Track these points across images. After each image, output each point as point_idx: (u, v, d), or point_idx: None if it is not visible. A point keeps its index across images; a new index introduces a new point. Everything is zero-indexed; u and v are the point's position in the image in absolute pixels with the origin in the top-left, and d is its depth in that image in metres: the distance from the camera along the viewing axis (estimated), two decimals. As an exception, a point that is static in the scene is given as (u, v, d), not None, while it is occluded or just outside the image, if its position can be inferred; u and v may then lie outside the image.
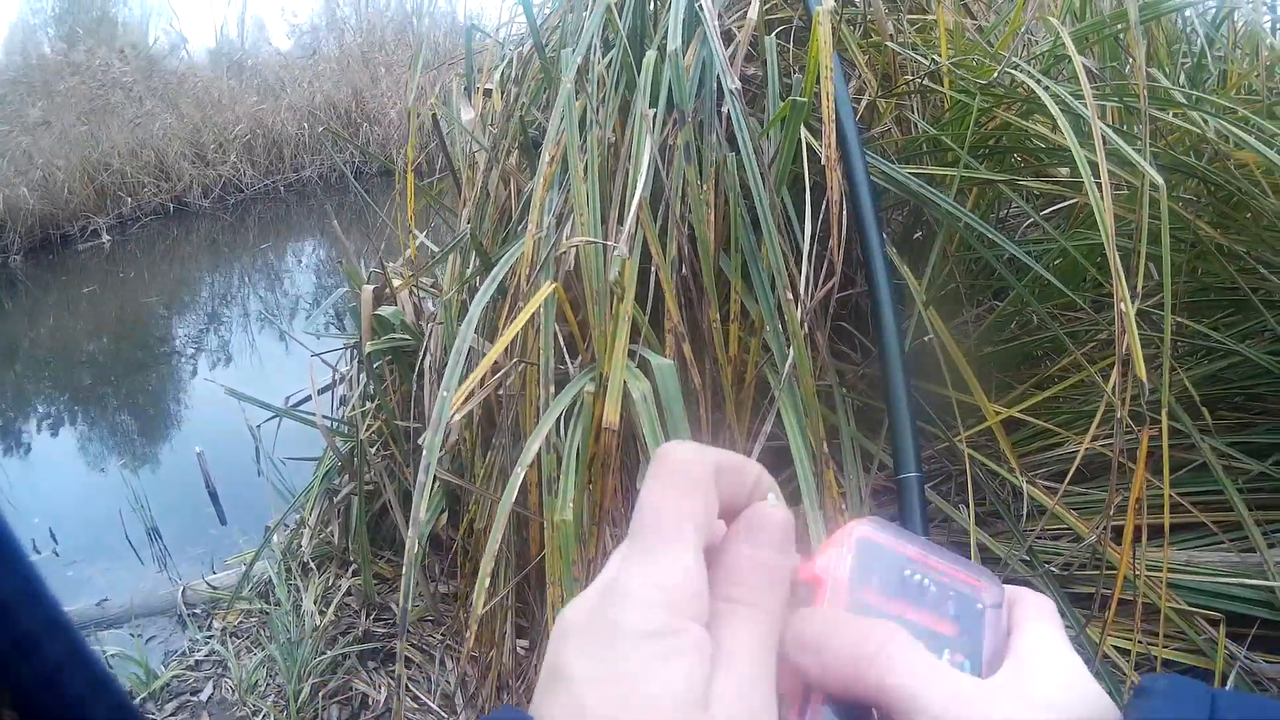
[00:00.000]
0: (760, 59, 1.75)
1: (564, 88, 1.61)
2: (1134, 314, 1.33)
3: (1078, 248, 1.82)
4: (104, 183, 9.15)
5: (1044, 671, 0.35)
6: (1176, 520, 1.65)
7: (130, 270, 8.38)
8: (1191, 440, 1.69)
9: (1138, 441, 1.44)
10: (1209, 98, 1.89)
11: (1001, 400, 1.88)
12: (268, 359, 5.88)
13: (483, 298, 1.60)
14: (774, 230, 1.46)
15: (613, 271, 1.44)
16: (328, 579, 2.60)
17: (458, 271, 2.10)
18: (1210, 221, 1.80)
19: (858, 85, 1.88)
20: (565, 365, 1.64)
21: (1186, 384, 1.75)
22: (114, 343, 6.75)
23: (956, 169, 1.72)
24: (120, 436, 5.19)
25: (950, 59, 1.83)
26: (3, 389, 6.05)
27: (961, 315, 1.97)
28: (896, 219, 2.06)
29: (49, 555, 3.60)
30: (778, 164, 1.53)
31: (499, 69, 2.26)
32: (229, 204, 9.85)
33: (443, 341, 2.02)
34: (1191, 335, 1.88)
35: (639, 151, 1.52)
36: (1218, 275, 1.92)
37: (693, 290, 1.61)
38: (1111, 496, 1.48)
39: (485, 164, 2.05)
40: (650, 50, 1.66)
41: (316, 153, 10.33)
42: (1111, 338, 1.91)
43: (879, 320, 1.40)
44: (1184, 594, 1.71)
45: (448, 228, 2.55)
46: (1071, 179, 1.92)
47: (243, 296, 7.66)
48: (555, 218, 1.67)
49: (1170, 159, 1.82)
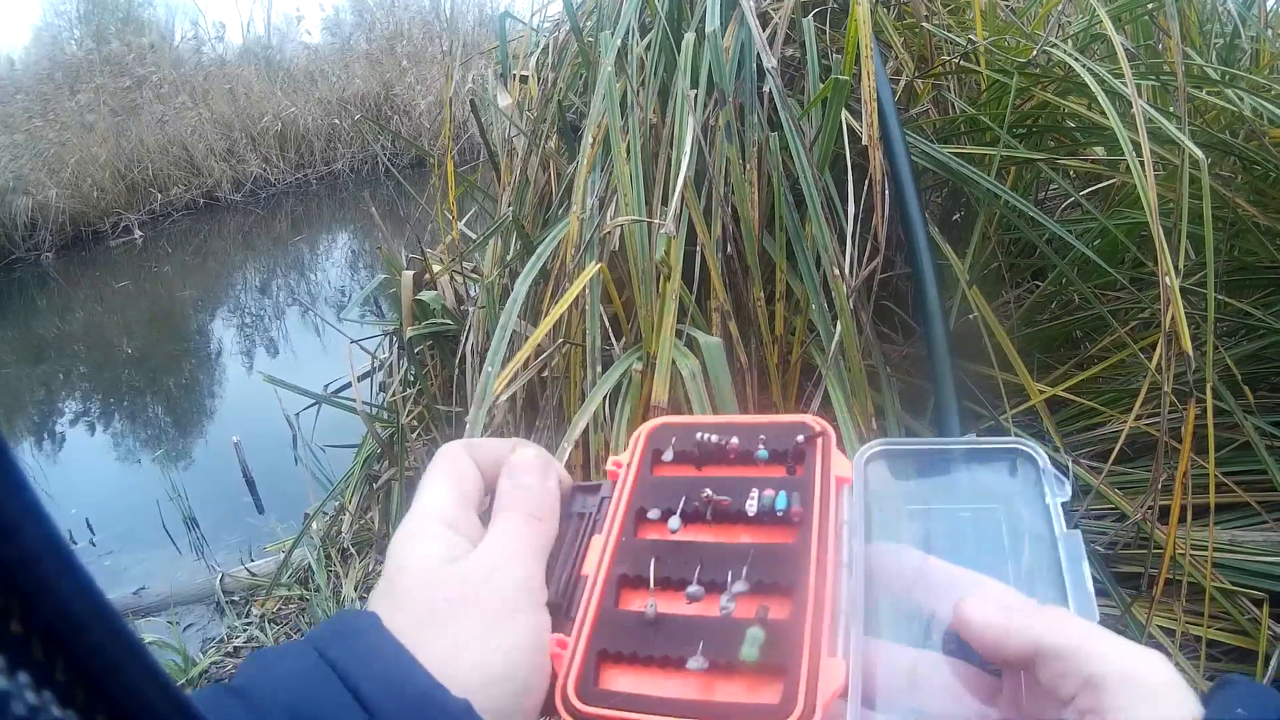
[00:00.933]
0: (798, 41, 1.75)
1: (604, 70, 1.62)
2: (1179, 289, 1.33)
3: (1119, 226, 1.82)
4: (135, 179, 9.21)
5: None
6: (1220, 500, 1.64)
7: (164, 265, 8.43)
8: (1234, 419, 1.68)
9: (1181, 419, 1.44)
10: (1244, 75, 1.88)
11: (1043, 381, 1.87)
12: (303, 349, 5.92)
13: (527, 277, 1.62)
14: (819, 209, 1.47)
15: (659, 250, 1.45)
16: (368, 564, 2.62)
17: (498, 255, 2.11)
18: (1248, 199, 1.79)
19: (894, 66, 1.88)
20: (611, 345, 1.65)
21: (1229, 362, 1.74)
22: (149, 336, 6.80)
23: (996, 148, 1.72)
24: (156, 427, 5.23)
25: (986, 39, 1.82)
26: (40, 383, 6.11)
27: (1002, 295, 1.96)
28: (934, 200, 2.06)
29: (85, 545, 3.63)
30: (820, 144, 1.54)
31: (534, 55, 2.27)
32: (260, 198, 9.89)
33: (484, 325, 2.04)
34: (1232, 314, 1.87)
35: (681, 132, 1.52)
36: (1256, 253, 1.91)
37: (737, 269, 1.62)
38: (1158, 474, 1.47)
39: (524, 149, 2.06)
40: (688, 32, 1.67)
41: (347, 145, 10.35)
42: (1152, 317, 1.91)
43: (923, 299, 1.40)
44: (1228, 574, 1.70)
45: (486, 214, 2.56)
46: (1109, 158, 1.92)
47: (277, 288, 7.71)
48: (598, 199, 1.68)
49: (1207, 137, 1.81)
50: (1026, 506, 0.46)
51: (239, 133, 9.90)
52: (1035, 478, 0.47)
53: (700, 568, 0.45)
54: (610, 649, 0.43)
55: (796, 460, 0.49)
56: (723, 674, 0.41)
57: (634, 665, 0.42)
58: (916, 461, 0.50)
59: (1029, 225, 1.80)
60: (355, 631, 0.39)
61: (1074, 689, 0.36)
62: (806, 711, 0.37)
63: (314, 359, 5.41)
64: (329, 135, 10.33)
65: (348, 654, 0.37)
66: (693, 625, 0.43)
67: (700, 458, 0.51)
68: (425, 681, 0.37)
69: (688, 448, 0.52)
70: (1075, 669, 0.36)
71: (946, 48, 1.91)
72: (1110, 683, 0.35)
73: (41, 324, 7.35)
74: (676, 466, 0.52)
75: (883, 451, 0.50)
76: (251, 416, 4.45)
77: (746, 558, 0.45)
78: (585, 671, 0.42)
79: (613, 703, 0.40)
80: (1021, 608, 0.40)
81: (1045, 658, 0.37)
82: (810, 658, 0.39)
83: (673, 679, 0.41)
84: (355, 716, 0.34)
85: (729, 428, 0.51)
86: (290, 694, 0.35)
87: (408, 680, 0.37)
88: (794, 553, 0.44)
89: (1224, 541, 1.74)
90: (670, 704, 0.40)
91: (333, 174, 10.33)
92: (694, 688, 0.41)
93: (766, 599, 0.43)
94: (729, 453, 0.51)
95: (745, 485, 0.48)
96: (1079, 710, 0.35)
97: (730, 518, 0.48)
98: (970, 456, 0.49)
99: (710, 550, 0.46)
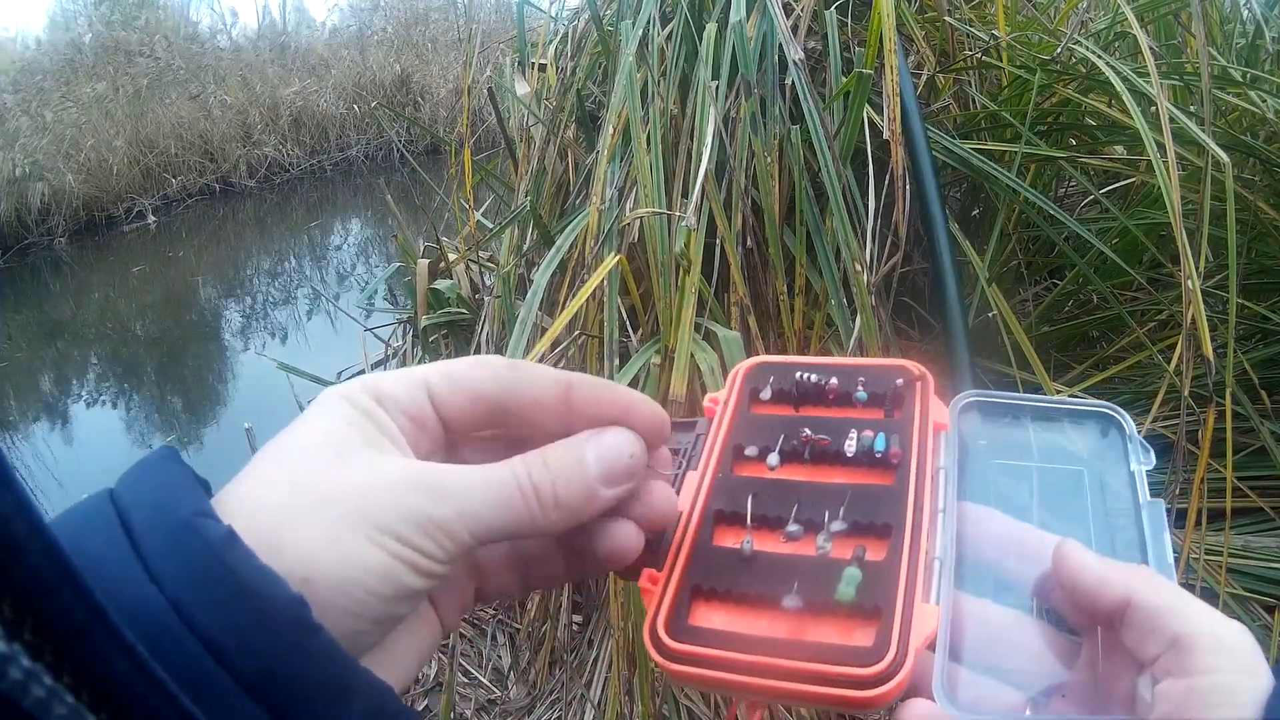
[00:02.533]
0: (820, 33, 1.74)
1: (625, 60, 1.62)
2: (1200, 291, 1.32)
3: (1139, 226, 1.81)
4: (149, 164, 9.21)
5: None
6: (1234, 505, 1.63)
7: (179, 250, 8.45)
8: (1250, 423, 1.67)
9: (1198, 423, 1.43)
10: (1267, 76, 1.87)
11: (1060, 380, 1.86)
12: (316, 336, 5.92)
13: (548, 268, 1.61)
14: (841, 203, 1.46)
15: (678, 243, 1.44)
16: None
17: (514, 244, 2.11)
18: (1267, 202, 1.78)
19: (916, 60, 1.87)
20: (628, 338, 1.65)
21: (1246, 366, 1.73)
22: (162, 320, 6.82)
23: (1018, 145, 1.71)
24: (168, 412, 5.25)
25: (1009, 34, 1.81)
26: (51, 366, 6.13)
27: (1020, 293, 1.96)
28: (953, 196, 2.05)
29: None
30: (842, 137, 1.53)
31: (553, 43, 2.27)
32: (274, 184, 9.87)
33: (499, 314, 2.03)
34: (1250, 317, 1.86)
35: (703, 123, 1.52)
36: (1276, 256, 1.90)
37: (756, 263, 1.61)
38: (1177, 477, 1.47)
39: (542, 138, 2.06)
40: (710, 23, 1.66)
41: (362, 132, 10.35)
42: (1169, 318, 1.90)
43: (943, 296, 1.40)
44: (1240, 579, 1.70)
45: (502, 202, 2.56)
46: (1129, 157, 1.91)
47: (291, 274, 7.71)
48: (617, 190, 1.67)
49: (1229, 138, 1.80)
50: (1111, 471, 0.46)
51: (255, 117, 9.90)
52: (1121, 444, 0.46)
53: (798, 506, 0.44)
54: (704, 585, 0.42)
55: (895, 404, 0.49)
56: (817, 614, 0.40)
57: (727, 603, 0.42)
58: (1008, 415, 0.50)
59: (1048, 223, 1.79)
60: (141, 464, 0.34)
61: (1159, 648, 0.35)
62: (899, 656, 0.37)
63: (326, 346, 5.41)
64: (343, 121, 10.33)
65: (127, 487, 0.33)
66: (789, 563, 0.42)
67: (798, 397, 0.51)
68: (193, 506, 0.31)
69: (786, 387, 0.51)
70: (1164, 626, 0.35)
71: (968, 42, 1.90)
72: (1200, 643, 0.34)
73: (55, 308, 7.36)
74: (774, 405, 0.51)
75: (977, 402, 0.49)
76: (264, 402, 4.45)
77: (844, 498, 0.44)
78: (677, 607, 0.41)
79: (703, 639, 0.40)
80: (1116, 561, 0.39)
81: (1136, 612, 0.37)
82: (905, 602, 0.39)
83: (766, 617, 0.41)
84: (121, 551, 0.29)
85: (827, 369, 0.51)
86: (69, 535, 0.29)
87: (175, 504, 0.31)
88: (892, 495, 0.44)
89: (1236, 547, 1.74)
90: (762, 642, 0.39)
91: (347, 160, 10.31)
92: (787, 626, 0.40)
93: (864, 540, 0.42)
94: (828, 393, 0.50)
95: (844, 426, 0.48)
96: (1162, 670, 0.35)
97: (829, 458, 0.47)
98: (1061, 415, 0.49)
99: (808, 489, 0.46)
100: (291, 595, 0.30)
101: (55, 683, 0.21)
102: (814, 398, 0.50)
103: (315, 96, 10.16)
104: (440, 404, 0.38)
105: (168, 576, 0.29)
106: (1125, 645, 0.37)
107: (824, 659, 0.38)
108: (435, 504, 0.34)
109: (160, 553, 0.29)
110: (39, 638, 0.21)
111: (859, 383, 0.50)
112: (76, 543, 0.29)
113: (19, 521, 0.20)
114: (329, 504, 0.33)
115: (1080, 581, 0.38)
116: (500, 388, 0.39)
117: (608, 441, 0.39)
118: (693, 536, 0.44)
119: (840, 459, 0.47)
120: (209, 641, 0.28)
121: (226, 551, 0.29)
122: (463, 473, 0.36)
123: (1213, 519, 1.57)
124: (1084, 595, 0.38)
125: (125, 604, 0.27)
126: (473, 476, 0.36)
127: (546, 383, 0.40)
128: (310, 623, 0.30)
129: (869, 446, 0.46)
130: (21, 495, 0.21)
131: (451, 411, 0.39)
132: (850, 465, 0.47)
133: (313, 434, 0.36)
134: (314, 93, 10.18)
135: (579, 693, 1.86)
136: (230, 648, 0.28)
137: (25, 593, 0.20)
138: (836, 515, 0.43)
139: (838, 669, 0.37)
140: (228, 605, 0.29)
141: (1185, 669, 0.34)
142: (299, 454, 0.35)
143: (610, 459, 0.39)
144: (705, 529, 0.45)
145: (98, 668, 0.22)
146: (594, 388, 0.40)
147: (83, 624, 0.22)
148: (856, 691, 0.37)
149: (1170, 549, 0.41)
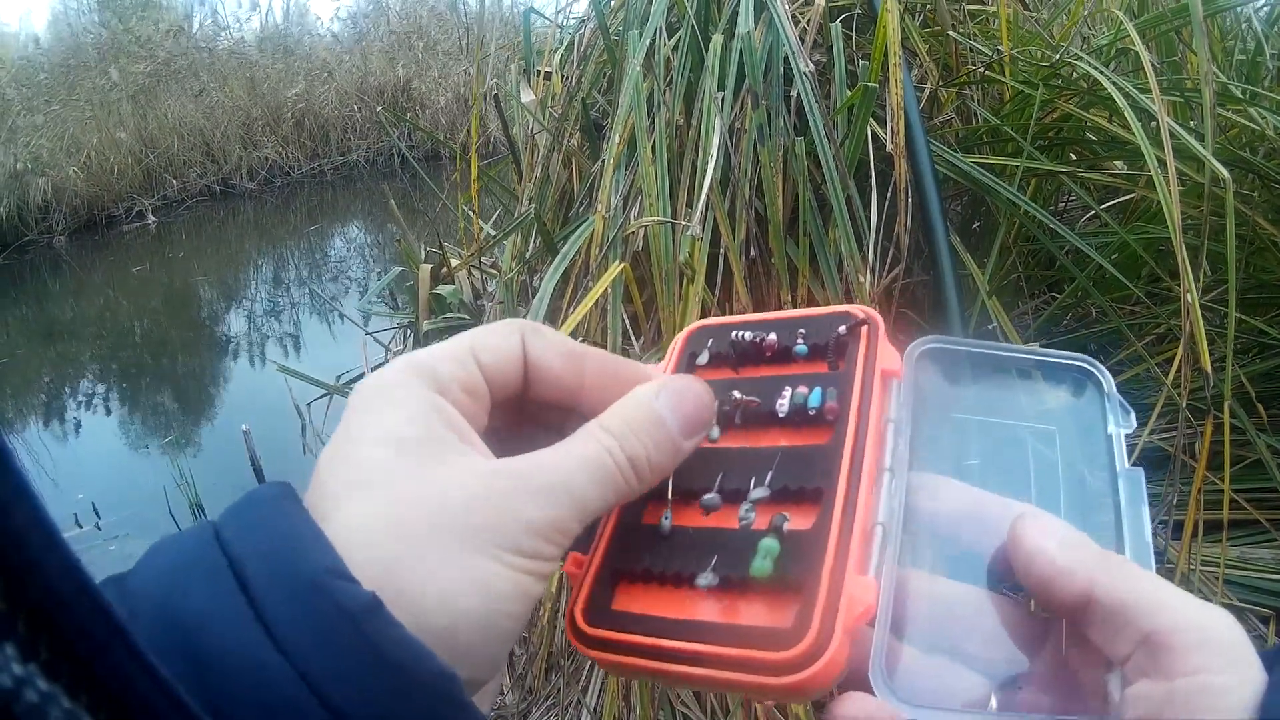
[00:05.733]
0: (825, 45, 1.75)
1: (631, 69, 1.63)
2: (1199, 305, 1.33)
3: (1139, 241, 1.82)
4: (150, 164, 9.22)
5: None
6: (1231, 517, 1.64)
7: (179, 250, 8.46)
8: (1246, 436, 1.69)
9: (1196, 435, 1.44)
10: (1267, 94, 1.88)
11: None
12: (315, 340, 5.93)
13: (553, 275, 1.62)
14: (845, 214, 1.47)
15: (683, 252, 1.45)
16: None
17: (518, 251, 2.11)
18: (1266, 218, 1.79)
19: (919, 74, 1.88)
20: (631, 346, 1.66)
21: (1244, 380, 1.74)
22: (160, 321, 6.82)
23: (1019, 159, 1.72)
24: (165, 413, 5.24)
25: (1012, 49, 1.83)
26: (48, 366, 6.12)
27: (1019, 306, 1.97)
28: (954, 209, 2.06)
29: (91, 530, 3.63)
30: (847, 149, 1.54)
31: (559, 52, 2.27)
32: (275, 187, 9.90)
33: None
34: (1249, 331, 1.87)
35: (708, 133, 1.53)
36: (1273, 272, 1.92)
37: (759, 273, 1.62)
38: (1174, 489, 1.48)
39: (546, 146, 2.07)
40: (716, 34, 1.67)
41: (363, 136, 10.36)
42: (1167, 332, 1.91)
43: (944, 307, 1.41)
44: (1236, 590, 1.71)
45: (504, 209, 2.57)
46: (1129, 172, 1.92)
47: (291, 277, 7.72)
48: (621, 199, 1.68)
49: (1229, 154, 1.81)
50: (1085, 433, 0.41)
51: (256, 119, 9.90)
52: (1100, 403, 0.42)
53: (723, 476, 0.40)
54: (623, 567, 0.39)
55: (838, 354, 0.44)
56: (737, 592, 0.36)
57: (649, 584, 0.38)
58: (972, 365, 0.44)
59: (1049, 236, 1.80)
60: (252, 502, 0.31)
61: (1128, 647, 0.32)
62: (823, 636, 0.32)
63: (325, 349, 5.42)
64: (345, 125, 10.34)
65: (237, 529, 0.30)
66: (706, 538, 0.38)
67: (736, 359, 0.46)
68: (322, 561, 0.28)
69: (723, 349, 0.47)
70: (1132, 624, 0.32)
71: (972, 57, 1.92)
72: (1178, 642, 0.31)
73: (54, 306, 7.35)
74: (712, 370, 0.46)
75: (936, 350, 0.44)
76: (262, 405, 4.46)
77: (773, 463, 0.40)
78: (597, 591, 0.38)
79: (617, 624, 0.37)
80: (1080, 544, 0.35)
81: (1100, 608, 0.33)
82: (833, 574, 0.34)
83: (685, 598, 0.37)
84: (235, 610, 0.27)
85: (766, 324, 0.47)
86: (167, 581, 0.28)
87: (300, 558, 0.28)
88: (825, 455, 0.39)
89: (1232, 558, 1.75)
90: (675, 625, 0.36)
91: (348, 165, 10.33)
92: (707, 608, 0.36)
93: (791, 507, 0.38)
94: (765, 350, 0.46)
95: (780, 384, 0.43)
96: (1135, 670, 0.32)
97: (761, 420, 0.43)
98: (1032, 368, 0.44)
99: (737, 456, 0.41)
100: (441, 670, 0.28)
101: (73, 704, 0.20)
102: (752, 357, 0.46)
103: (318, 99, 10.17)
104: (489, 375, 0.37)
105: (295, 645, 0.27)
106: (1092, 641, 0.34)
107: (739, 643, 0.34)
108: (553, 504, 0.33)
109: (287, 620, 0.27)
110: (54, 653, 0.20)
111: (799, 335, 0.45)
112: (178, 593, 0.28)
113: (36, 539, 0.20)
114: (443, 528, 0.31)
115: (1035, 570, 0.35)
116: (532, 355, 0.38)
117: (679, 389, 0.38)
118: (617, 516, 0.41)
119: (774, 420, 0.42)
120: (342, 717, 0.26)
121: (368, 623, 0.27)
122: (557, 462, 0.34)
123: (1209, 531, 1.58)
124: (1039, 587, 0.35)
125: (243, 670, 0.26)
126: (570, 464, 0.34)
127: (565, 354, 0.39)
128: (459, 699, 0.29)
129: (802, 404, 0.42)
130: (25, 491, 0.20)
131: (496, 380, 0.37)
132: (784, 426, 0.42)
133: (390, 429, 0.33)
134: (318, 95, 10.19)
135: (575, 698, 1.86)
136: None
137: (44, 610, 0.20)
138: (763, 482, 0.39)
139: (753, 653, 0.33)
140: (368, 682, 0.27)
141: (1163, 670, 0.31)
142: (383, 458, 0.33)
143: (687, 409, 0.38)
144: (633, 507, 0.41)
145: (114, 685, 0.21)
146: (604, 360, 0.40)
147: (103, 641, 0.21)
148: (776, 678, 0.33)
149: (1148, 524, 0.37)
